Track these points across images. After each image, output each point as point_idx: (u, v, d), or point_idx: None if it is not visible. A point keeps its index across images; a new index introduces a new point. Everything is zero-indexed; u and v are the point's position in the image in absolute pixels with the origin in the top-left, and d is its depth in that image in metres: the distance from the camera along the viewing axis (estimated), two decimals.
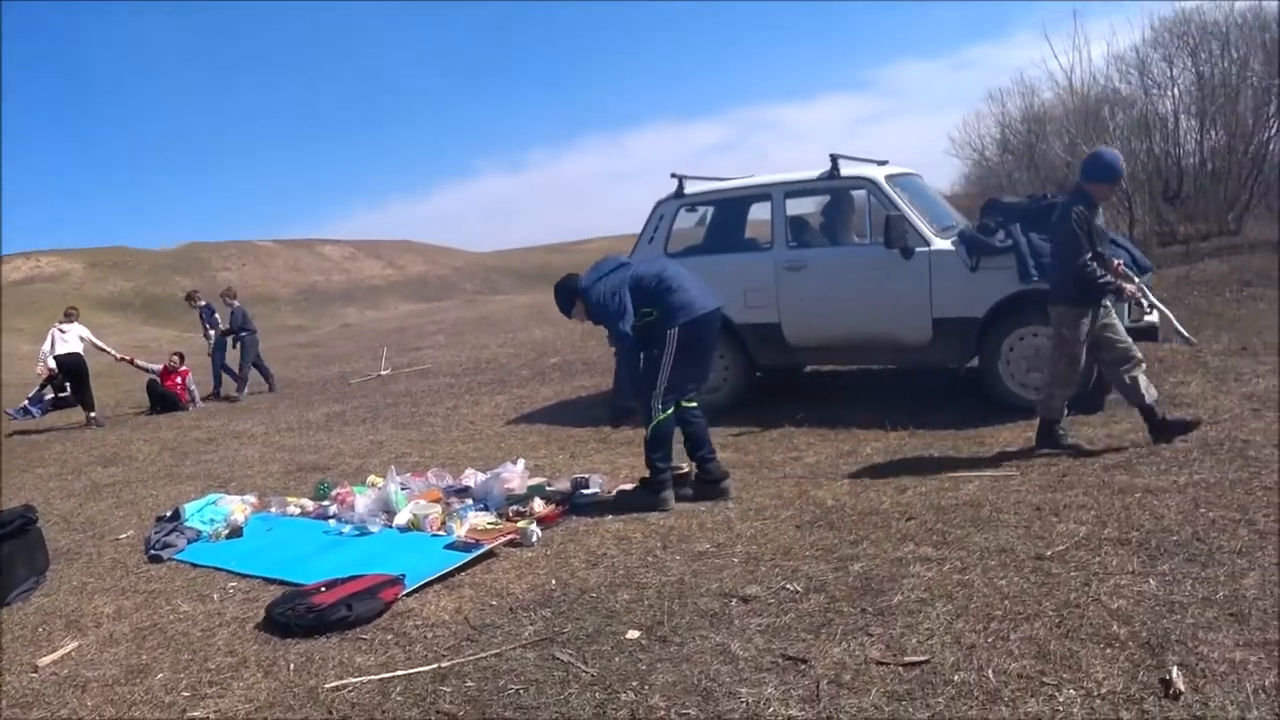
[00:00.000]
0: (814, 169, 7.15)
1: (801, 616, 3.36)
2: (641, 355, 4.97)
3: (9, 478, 8.42)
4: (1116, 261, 5.30)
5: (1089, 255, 4.98)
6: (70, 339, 11.77)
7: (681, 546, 4.30)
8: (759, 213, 7.66)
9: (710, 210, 7.88)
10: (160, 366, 12.53)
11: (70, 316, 12.32)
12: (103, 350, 12.22)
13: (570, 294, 5.12)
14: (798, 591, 3.59)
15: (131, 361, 12.70)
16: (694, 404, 5.10)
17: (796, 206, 7.47)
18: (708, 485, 5.03)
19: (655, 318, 4.88)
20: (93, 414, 11.46)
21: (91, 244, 49.45)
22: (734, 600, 3.58)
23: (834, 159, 6.89)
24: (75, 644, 4.01)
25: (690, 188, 7.63)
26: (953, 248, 6.37)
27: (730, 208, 7.80)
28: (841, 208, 7.36)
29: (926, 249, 6.42)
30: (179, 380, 12.35)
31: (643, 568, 4.07)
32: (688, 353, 4.88)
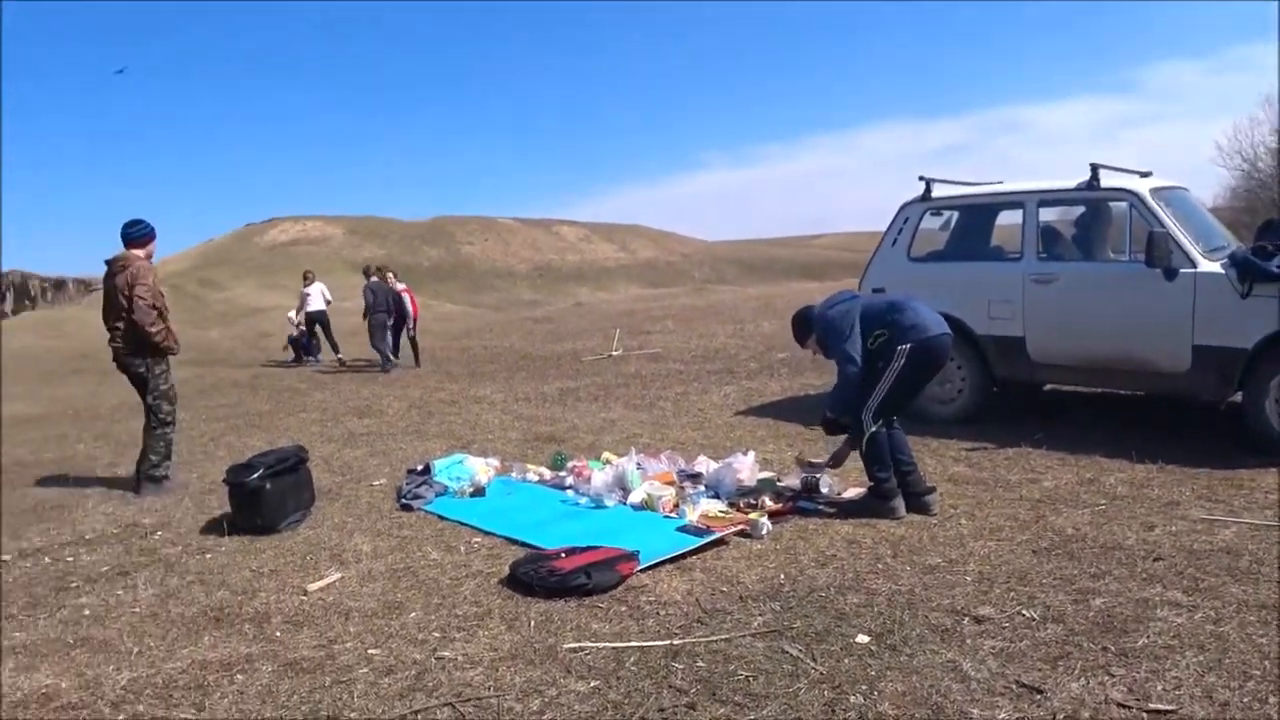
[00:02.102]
0: (1068, 177, 6.87)
1: (1037, 645, 3.31)
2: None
3: (277, 419, 9.42)
4: None
5: None
6: (315, 298, 14.30)
7: (912, 557, 4.30)
8: (1006, 219, 7.43)
9: (956, 215, 7.68)
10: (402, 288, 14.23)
11: (308, 279, 14.74)
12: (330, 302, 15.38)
13: (805, 322, 5.27)
14: (1034, 619, 3.53)
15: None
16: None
17: (1047, 216, 7.20)
18: (909, 498, 5.00)
19: (886, 338, 4.94)
20: (338, 356, 14.74)
21: (353, 212, 53.80)
22: (966, 619, 3.57)
23: (1094, 168, 6.58)
24: (339, 575, 4.49)
25: (937, 191, 7.48)
26: (1222, 270, 5.96)
27: (978, 214, 7.57)
28: (1099, 220, 7.01)
29: (1192, 270, 6.03)
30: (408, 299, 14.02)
31: (872, 574, 4.11)
32: (911, 374, 4.93)
